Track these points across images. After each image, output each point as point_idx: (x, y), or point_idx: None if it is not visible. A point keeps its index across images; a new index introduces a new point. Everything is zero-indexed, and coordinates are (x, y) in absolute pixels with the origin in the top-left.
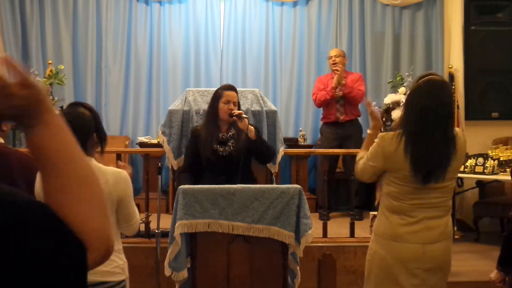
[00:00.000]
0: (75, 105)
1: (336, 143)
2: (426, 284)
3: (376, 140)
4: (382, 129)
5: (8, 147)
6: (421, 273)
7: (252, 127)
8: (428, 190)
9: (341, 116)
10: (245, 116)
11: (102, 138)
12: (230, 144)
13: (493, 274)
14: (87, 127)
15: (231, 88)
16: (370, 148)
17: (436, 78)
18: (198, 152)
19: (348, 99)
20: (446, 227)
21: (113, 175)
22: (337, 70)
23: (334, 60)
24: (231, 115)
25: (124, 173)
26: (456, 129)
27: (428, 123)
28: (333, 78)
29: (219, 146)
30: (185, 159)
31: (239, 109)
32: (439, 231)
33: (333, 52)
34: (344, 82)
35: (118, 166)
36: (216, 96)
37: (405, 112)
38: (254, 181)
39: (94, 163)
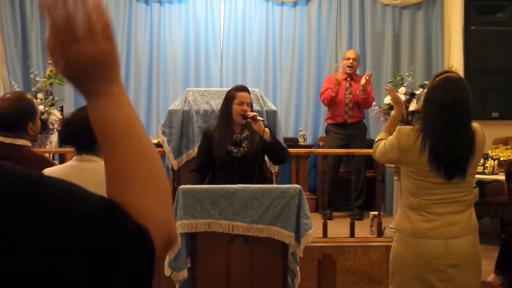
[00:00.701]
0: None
1: (342, 143)
2: (456, 280)
3: (394, 132)
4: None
5: (30, 151)
6: (446, 269)
7: (268, 129)
8: (447, 186)
9: (349, 119)
10: (260, 118)
11: None
12: (244, 145)
13: (491, 278)
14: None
15: (244, 89)
16: (389, 137)
17: (453, 76)
18: (210, 154)
19: (361, 104)
20: (468, 221)
21: None
22: (367, 77)
23: (351, 63)
24: (245, 117)
25: None
26: (475, 124)
27: (446, 119)
28: (345, 79)
29: (233, 147)
30: (197, 159)
31: (252, 109)
32: (461, 226)
33: (352, 54)
34: (366, 87)
35: None
36: (229, 98)
37: (423, 109)
38: (268, 181)
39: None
